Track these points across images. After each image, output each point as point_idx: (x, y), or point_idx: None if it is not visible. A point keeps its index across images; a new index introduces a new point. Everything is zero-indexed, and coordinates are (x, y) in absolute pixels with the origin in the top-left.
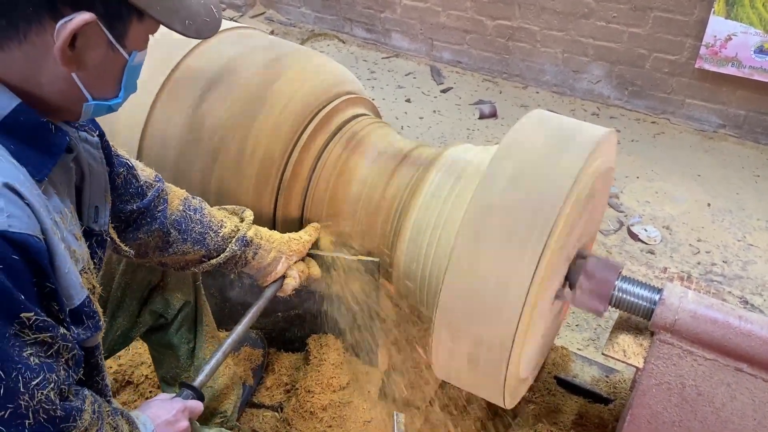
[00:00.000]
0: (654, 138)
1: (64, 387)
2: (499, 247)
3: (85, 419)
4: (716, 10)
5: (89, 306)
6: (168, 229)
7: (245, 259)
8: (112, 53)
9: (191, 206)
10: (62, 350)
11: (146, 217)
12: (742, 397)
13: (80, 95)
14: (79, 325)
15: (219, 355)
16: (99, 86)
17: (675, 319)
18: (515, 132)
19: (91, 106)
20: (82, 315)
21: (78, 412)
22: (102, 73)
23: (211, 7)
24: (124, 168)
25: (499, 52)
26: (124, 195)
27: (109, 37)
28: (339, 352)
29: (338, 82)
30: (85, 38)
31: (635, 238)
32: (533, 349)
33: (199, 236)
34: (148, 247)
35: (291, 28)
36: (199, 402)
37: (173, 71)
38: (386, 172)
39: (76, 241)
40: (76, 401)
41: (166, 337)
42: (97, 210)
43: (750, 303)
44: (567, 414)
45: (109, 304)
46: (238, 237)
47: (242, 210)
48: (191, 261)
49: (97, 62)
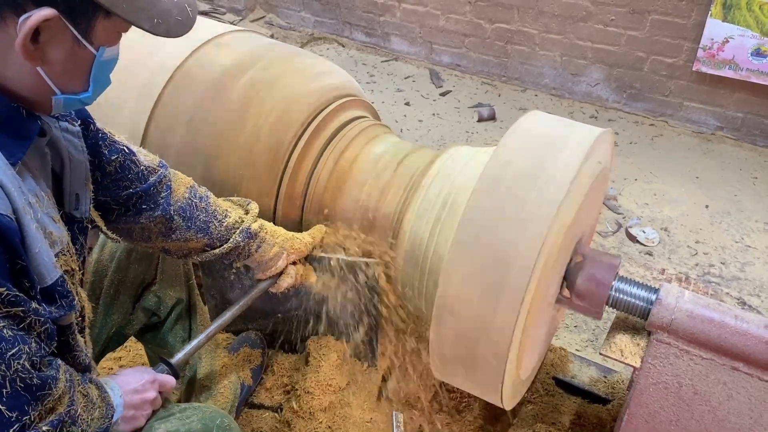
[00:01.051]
0: (652, 140)
1: (36, 359)
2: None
3: (60, 387)
4: (713, 13)
5: (63, 285)
6: (171, 216)
7: (248, 251)
8: (79, 48)
9: (197, 194)
10: (34, 324)
11: (147, 203)
12: (739, 396)
13: (48, 89)
14: (52, 303)
15: (202, 337)
16: (67, 80)
17: (672, 319)
18: (512, 133)
19: (61, 100)
20: (54, 294)
21: (53, 381)
22: (69, 67)
23: (184, 6)
24: (120, 154)
25: (498, 55)
26: (122, 180)
27: (74, 33)
28: (338, 353)
29: (338, 85)
30: (49, 33)
31: (633, 239)
32: (531, 350)
33: (203, 224)
34: (151, 233)
35: (291, 31)
36: (172, 378)
37: (173, 75)
38: (385, 174)
39: (53, 224)
40: (51, 370)
41: (160, 335)
42: (78, 197)
43: (748, 304)
44: (565, 414)
45: (102, 300)
46: (242, 228)
47: (248, 202)
48: (194, 249)
49: (63, 57)
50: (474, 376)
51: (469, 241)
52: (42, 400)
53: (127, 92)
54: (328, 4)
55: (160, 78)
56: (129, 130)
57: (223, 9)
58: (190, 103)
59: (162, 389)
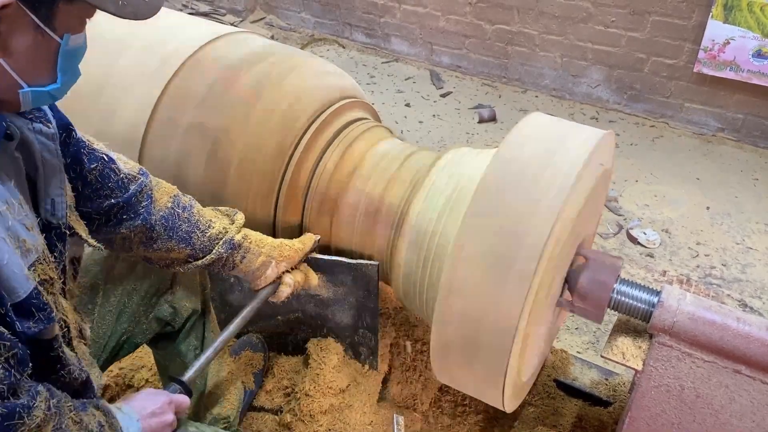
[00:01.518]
0: (653, 141)
1: (2, 387)
2: (507, 225)
3: (36, 416)
4: (714, 15)
5: (38, 298)
6: (152, 225)
7: (232, 262)
8: (42, 37)
9: (180, 203)
10: (0, 349)
11: (128, 212)
12: (741, 399)
13: (14, 83)
14: (29, 319)
15: (209, 353)
16: (32, 72)
17: (673, 322)
18: (514, 134)
19: (29, 94)
20: (30, 308)
21: (25, 409)
22: (33, 58)
23: None
24: (99, 162)
25: (499, 56)
26: (102, 189)
27: (34, 20)
28: (339, 355)
29: (338, 86)
30: (8, 22)
31: (634, 241)
32: (533, 352)
33: (186, 235)
34: (132, 242)
35: (291, 33)
36: (186, 397)
37: (186, 62)
38: (386, 175)
39: (27, 232)
40: (24, 398)
41: (173, 345)
42: (54, 203)
43: (749, 306)
44: (567, 417)
45: (114, 307)
46: (225, 239)
47: (234, 212)
48: (177, 260)
49: (26, 47)
50: (476, 376)
51: (479, 222)
52: (12, 430)
53: (137, 77)
54: (329, 5)
55: (174, 61)
56: (136, 109)
57: (224, 10)
58: (203, 86)
59: (178, 410)
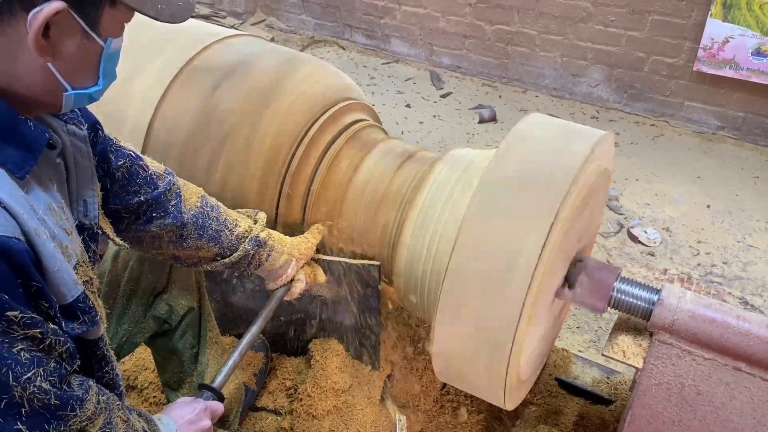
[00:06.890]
0: (653, 140)
1: (53, 378)
2: (507, 225)
3: (88, 408)
4: (713, 13)
5: (84, 302)
6: (183, 223)
7: (258, 260)
8: (87, 41)
9: (208, 203)
10: (54, 344)
11: (158, 210)
12: (741, 396)
13: (59, 85)
14: (74, 320)
15: (236, 356)
16: (77, 75)
17: (673, 320)
18: (516, 132)
19: (72, 96)
20: (76, 311)
21: (78, 401)
22: (79, 61)
23: None
24: (126, 159)
25: (499, 56)
26: (130, 186)
27: (82, 25)
28: (341, 355)
29: (339, 88)
30: (59, 27)
31: (635, 240)
32: (534, 350)
33: (215, 233)
34: (162, 240)
35: (291, 35)
36: (220, 403)
37: (189, 61)
38: (389, 171)
39: (67, 236)
40: (78, 391)
41: (170, 342)
42: (86, 204)
43: (750, 304)
44: (568, 415)
45: (115, 310)
46: (252, 237)
47: (255, 212)
48: (204, 258)
49: (73, 51)
50: (477, 375)
51: (479, 222)
52: (64, 419)
53: (143, 71)
54: (329, 6)
55: (183, 55)
56: (141, 100)
57: (224, 12)
58: (209, 82)
59: (213, 416)
